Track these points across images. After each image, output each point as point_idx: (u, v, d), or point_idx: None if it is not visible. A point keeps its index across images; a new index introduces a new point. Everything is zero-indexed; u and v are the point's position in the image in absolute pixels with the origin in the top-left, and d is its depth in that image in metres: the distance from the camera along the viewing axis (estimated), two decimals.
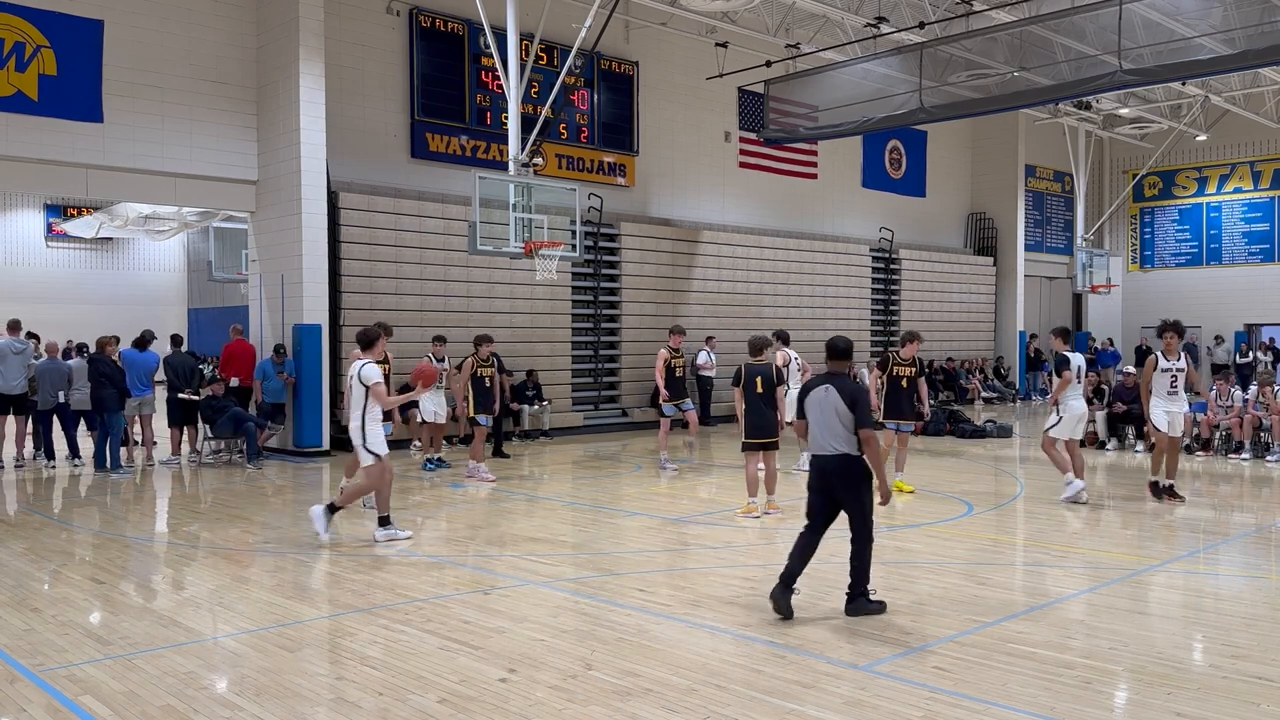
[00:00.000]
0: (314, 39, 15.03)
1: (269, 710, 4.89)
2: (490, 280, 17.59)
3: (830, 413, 6.45)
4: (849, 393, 6.43)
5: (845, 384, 6.52)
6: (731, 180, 22.53)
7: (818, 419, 6.53)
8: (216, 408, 14.17)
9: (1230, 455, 15.01)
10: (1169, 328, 10.87)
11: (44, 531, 9.64)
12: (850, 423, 6.39)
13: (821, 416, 6.50)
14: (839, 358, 6.73)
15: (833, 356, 6.75)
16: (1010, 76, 17.22)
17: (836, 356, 6.74)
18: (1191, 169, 30.36)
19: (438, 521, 10.14)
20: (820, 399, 6.53)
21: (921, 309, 26.36)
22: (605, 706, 4.92)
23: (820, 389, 6.56)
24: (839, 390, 6.46)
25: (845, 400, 6.41)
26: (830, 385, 6.52)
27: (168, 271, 29.06)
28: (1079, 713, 4.83)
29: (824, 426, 6.48)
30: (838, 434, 6.43)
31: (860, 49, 18.43)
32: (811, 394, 6.62)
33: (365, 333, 9.03)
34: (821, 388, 6.56)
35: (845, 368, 6.72)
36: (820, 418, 6.51)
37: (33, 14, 13.70)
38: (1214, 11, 15.60)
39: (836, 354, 6.74)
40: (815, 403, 6.56)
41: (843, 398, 6.42)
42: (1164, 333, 10.90)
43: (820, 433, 6.51)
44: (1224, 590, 7.57)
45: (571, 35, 15.78)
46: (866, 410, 6.43)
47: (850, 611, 6.47)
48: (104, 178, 14.47)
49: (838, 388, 6.48)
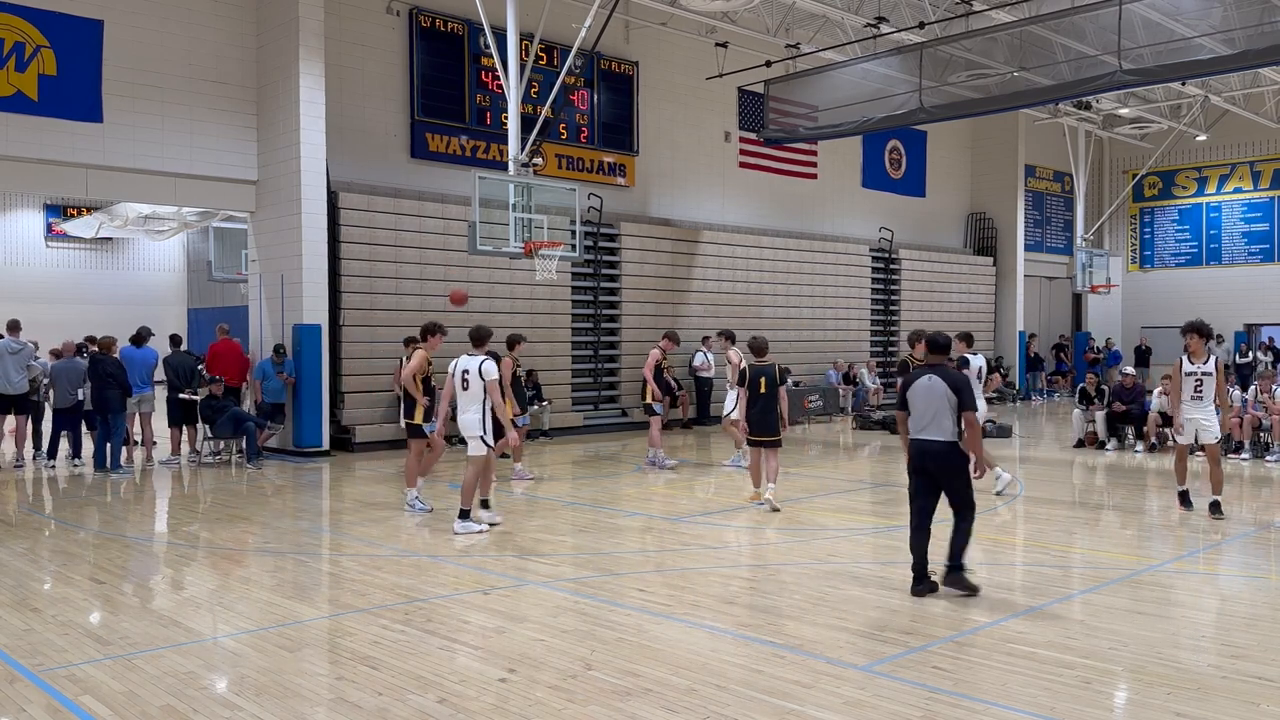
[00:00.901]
0: (314, 39, 15.03)
1: (269, 710, 4.89)
2: (490, 280, 17.59)
3: (938, 399, 6.96)
4: (953, 380, 7.02)
5: (948, 373, 7.10)
6: (731, 180, 22.53)
7: (922, 407, 7.05)
8: (216, 408, 14.17)
9: (1230, 455, 15.00)
10: (1192, 328, 10.16)
11: (44, 531, 9.64)
12: (955, 407, 6.92)
13: (926, 405, 7.02)
14: (939, 351, 7.35)
15: (933, 350, 7.39)
16: (1010, 76, 17.22)
17: (937, 350, 7.37)
18: (1191, 169, 30.36)
19: (438, 521, 10.12)
20: (926, 387, 7.05)
21: (921, 309, 26.36)
22: (605, 706, 4.92)
23: (925, 379, 7.10)
24: (943, 378, 7.02)
25: (950, 387, 6.96)
26: (934, 375, 7.07)
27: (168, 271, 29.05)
28: (1079, 713, 4.83)
29: (928, 414, 7.01)
30: (942, 421, 6.96)
31: (860, 49, 18.44)
32: (916, 384, 7.14)
33: (479, 330, 9.52)
34: (925, 378, 7.10)
35: (944, 360, 7.31)
36: (925, 406, 7.03)
37: (33, 14, 13.70)
38: (1214, 11, 15.60)
39: (937, 348, 7.37)
40: (920, 391, 7.08)
41: (948, 384, 6.98)
42: (1186, 333, 10.20)
43: (923, 420, 7.04)
44: (1224, 590, 7.57)
45: (571, 35, 15.79)
46: (970, 395, 7.05)
47: (947, 583, 6.99)
48: (104, 178, 14.47)
49: (941, 376, 7.04)
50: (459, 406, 9.40)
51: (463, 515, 9.33)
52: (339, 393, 15.97)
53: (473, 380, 9.23)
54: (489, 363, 9.21)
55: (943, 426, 6.95)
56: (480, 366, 9.19)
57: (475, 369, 9.21)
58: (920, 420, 7.07)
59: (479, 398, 9.24)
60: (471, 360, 9.29)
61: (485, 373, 9.17)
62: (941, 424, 6.96)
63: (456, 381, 9.35)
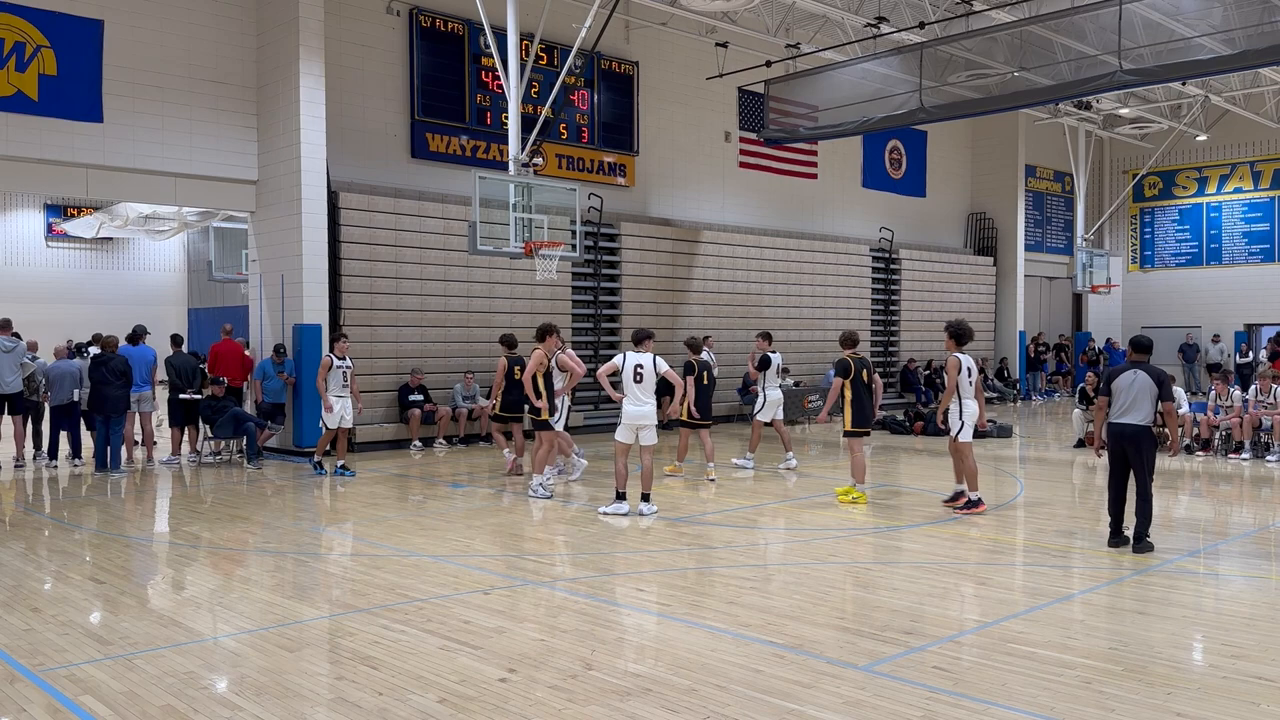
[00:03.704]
0: (314, 39, 15.03)
1: (269, 710, 4.90)
2: (490, 280, 17.59)
3: (1141, 391, 8.31)
4: (1156, 375, 8.39)
5: (1152, 369, 8.43)
6: (731, 180, 22.53)
7: (1125, 397, 8.37)
8: (216, 408, 14.17)
9: (1230, 455, 15.01)
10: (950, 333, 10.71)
11: (44, 531, 9.64)
12: (1156, 398, 8.31)
13: (1129, 395, 8.35)
14: (1142, 351, 8.62)
15: (1137, 350, 8.65)
16: (1010, 76, 17.22)
17: (1140, 350, 8.63)
18: (1191, 169, 30.36)
19: (437, 521, 10.13)
20: (1131, 380, 8.39)
21: (921, 309, 26.36)
22: (605, 706, 4.92)
23: (1130, 373, 8.43)
24: (1148, 373, 8.37)
25: (1154, 380, 8.34)
26: (1139, 370, 8.41)
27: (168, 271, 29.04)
28: (1079, 713, 4.83)
29: (1130, 403, 8.34)
30: (1142, 409, 8.31)
31: (860, 49, 18.44)
32: (1122, 377, 8.46)
33: (642, 331, 10.50)
34: (1131, 372, 8.43)
35: (1146, 358, 8.58)
36: (1128, 396, 8.36)
37: (33, 14, 13.70)
38: (1214, 11, 15.59)
39: (1140, 349, 8.64)
40: (1125, 384, 8.41)
41: (1152, 378, 8.35)
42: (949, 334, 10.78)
43: (1125, 407, 8.36)
44: (1224, 590, 7.57)
45: (571, 35, 15.79)
46: (1170, 388, 8.46)
47: (1137, 550, 8.33)
48: (104, 178, 14.47)
49: (1146, 371, 8.39)
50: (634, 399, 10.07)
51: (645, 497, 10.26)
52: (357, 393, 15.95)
53: (648, 373, 10.10)
54: (660, 358, 10.28)
55: (1142, 412, 8.33)
56: (656, 361, 10.21)
57: (650, 363, 10.14)
58: (1122, 406, 8.44)
59: (652, 389, 10.20)
60: (641, 357, 10.17)
61: (660, 366, 10.23)
62: (1141, 411, 8.33)
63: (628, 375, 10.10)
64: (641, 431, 10.17)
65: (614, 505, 10.19)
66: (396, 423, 16.31)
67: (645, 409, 10.11)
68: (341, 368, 12.96)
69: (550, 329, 11.35)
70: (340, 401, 12.93)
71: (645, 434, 10.18)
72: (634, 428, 10.15)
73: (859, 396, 11.13)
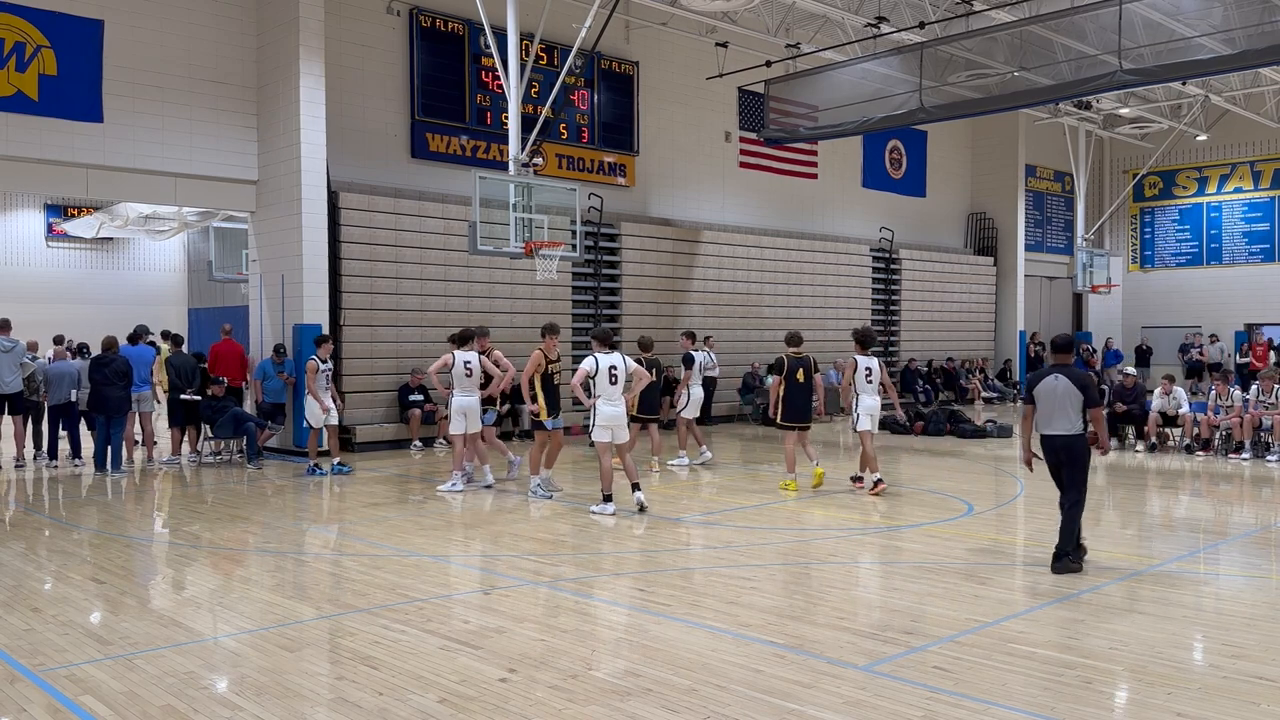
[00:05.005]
0: (314, 39, 15.03)
1: (269, 710, 4.89)
2: (490, 280, 17.59)
3: (1063, 398, 7.52)
4: (1078, 379, 7.58)
5: (1073, 372, 7.63)
6: (732, 180, 22.53)
7: (1048, 404, 7.61)
8: (217, 408, 14.17)
9: (1230, 455, 15.00)
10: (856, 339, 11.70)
11: (44, 531, 9.64)
12: (1080, 404, 7.49)
13: (1052, 402, 7.58)
14: (1062, 351, 7.81)
15: (1055, 351, 7.84)
16: (1010, 76, 17.22)
17: (1059, 351, 7.82)
18: (1192, 169, 30.35)
19: (437, 521, 10.13)
20: (1052, 386, 7.60)
21: (922, 309, 26.37)
22: (605, 706, 4.92)
23: (1051, 378, 7.64)
24: (1070, 377, 7.57)
25: (1077, 385, 7.53)
26: (1060, 374, 7.61)
27: (168, 271, 29.01)
28: (1079, 713, 4.83)
29: (1054, 410, 7.58)
30: (1067, 417, 7.52)
31: (860, 49, 18.43)
32: (1043, 383, 7.69)
33: (607, 332, 10.80)
34: (1052, 377, 7.64)
35: (1069, 359, 7.80)
36: (1051, 404, 7.59)
37: (33, 14, 13.70)
38: (1214, 11, 15.59)
39: (1059, 349, 7.83)
40: (1047, 390, 7.63)
41: (1074, 382, 7.54)
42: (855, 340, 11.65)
43: (1050, 415, 7.61)
44: (1224, 590, 7.57)
45: (571, 35, 15.78)
46: (1095, 392, 7.60)
47: (1056, 569, 7.50)
48: (104, 178, 14.47)
49: (1067, 375, 7.59)
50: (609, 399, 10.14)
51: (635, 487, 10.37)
52: (339, 393, 15.94)
53: (620, 374, 10.24)
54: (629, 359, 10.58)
55: (1067, 419, 7.54)
56: (628, 360, 10.45)
57: (622, 364, 10.30)
58: (1046, 416, 7.63)
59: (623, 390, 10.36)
60: (616, 357, 10.30)
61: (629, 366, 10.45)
62: (1066, 417, 7.55)
63: (603, 377, 10.18)
64: (617, 431, 10.30)
65: (601, 506, 10.24)
66: (397, 423, 16.31)
67: (620, 409, 10.29)
68: (324, 370, 13.25)
69: (553, 329, 11.35)
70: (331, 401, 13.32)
71: (620, 433, 10.35)
72: (611, 428, 10.25)
73: (791, 393, 11.98)
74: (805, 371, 12.09)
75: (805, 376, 12.07)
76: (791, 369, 12.01)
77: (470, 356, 11.76)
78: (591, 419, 10.26)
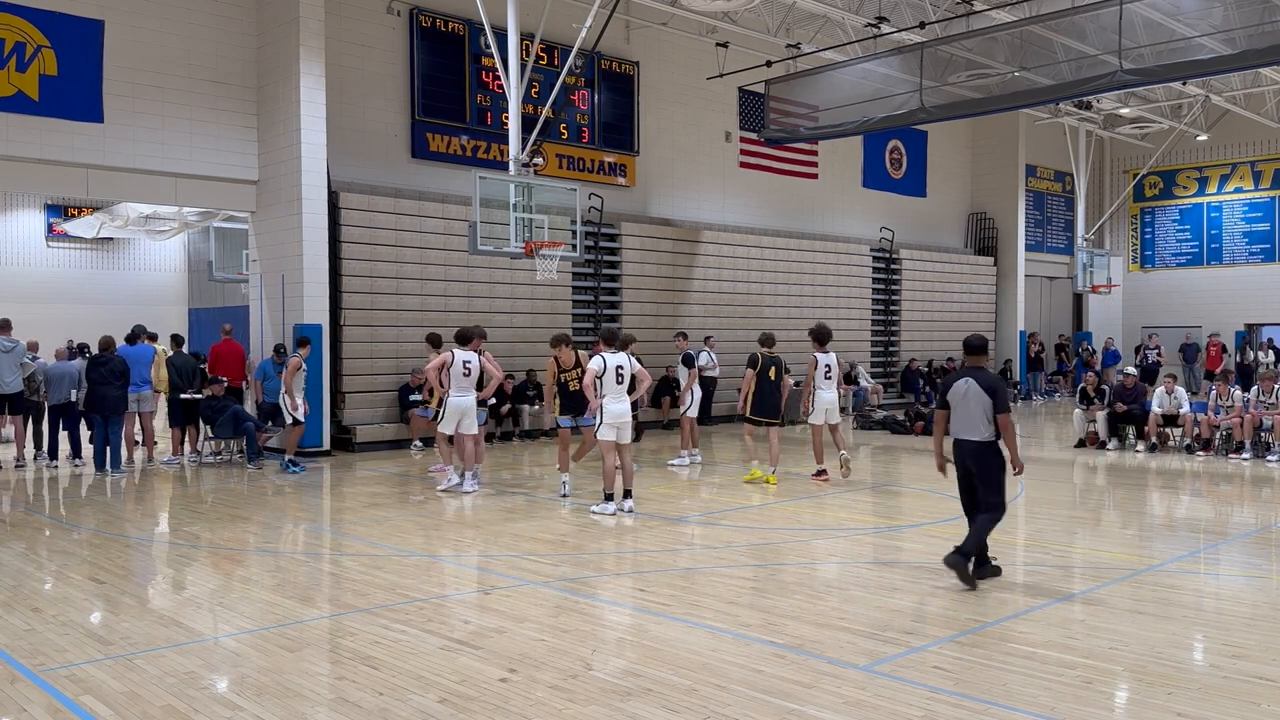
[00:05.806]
0: (314, 39, 15.03)
1: (269, 710, 4.90)
2: (491, 280, 17.59)
3: (973, 403, 7.14)
4: (988, 383, 7.17)
5: (984, 376, 7.24)
6: (732, 180, 22.53)
7: (960, 409, 7.24)
8: (216, 408, 14.17)
9: (1231, 455, 15.00)
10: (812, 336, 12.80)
11: (44, 531, 9.64)
12: (990, 409, 7.10)
13: (965, 406, 7.20)
14: (974, 353, 7.40)
15: (969, 353, 7.42)
16: (1010, 76, 17.22)
17: (972, 353, 7.40)
18: (1192, 169, 30.34)
19: (437, 521, 10.13)
20: (964, 390, 7.20)
21: (922, 309, 26.37)
22: (605, 706, 4.92)
23: (962, 382, 7.25)
24: (979, 381, 7.17)
25: (986, 389, 7.13)
26: (971, 378, 7.21)
27: (168, 271, 29.02)
28: (1079, 713, 4.83)
29: (965, 415, 7.20)
30: (977, 423, 7.14)
31: (860, 49, 18.43)
32: (955, 386, 7.29)
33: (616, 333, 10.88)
34: (963, 381, 7.25)
35: (982, 362, 7.40)
36: (963, 408, 7.21)
37: (33, 14, 13.70)
38: (1214, 11, 15.59)
39: (972, 350, 7.41)
40: (958, 395, 7.24)
41: (983, 387, 7.14)
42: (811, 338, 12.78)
43: (962, 421, 7.23)
44: (1224, 590, 7.57)
45: (572, 35, 15.78)
46: (1005, 397, 7.20)
47: (947, 561, 7.11)
48: (104, 178, 14.47)
49: (977, 379, 7.19)
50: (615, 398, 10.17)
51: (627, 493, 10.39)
52: (339, 393, 15.97)
53: (626, 373, 10.30)
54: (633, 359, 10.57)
55: (978, 425, 7.17)
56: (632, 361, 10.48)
57: (628, 364, 10.37)
58: (959, 422, 7.28)
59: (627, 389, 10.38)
60: (622, 358, 10.35)
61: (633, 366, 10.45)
62: (977, 424, 7.18)
63: (610, 376, 10.20)
64: (621, 430, 10.31)
65: (602, 505, 10.26)
66: (397, 423, 16.31)
67: (625, 406, 10.33)
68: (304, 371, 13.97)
69: (564, 339, 11.38)
70: (303, 402, 14.01)
71: (624, 432, 10.35)
72: (616, 426, 10.26)
73: (761, 389, 12.52)
74: (777, 370, 12.61)
75: (776, 375, 12.61)
76: (765, 366, 12.53)
77: (470, 356, 11.77)
78: (598, 418, 10.27)
